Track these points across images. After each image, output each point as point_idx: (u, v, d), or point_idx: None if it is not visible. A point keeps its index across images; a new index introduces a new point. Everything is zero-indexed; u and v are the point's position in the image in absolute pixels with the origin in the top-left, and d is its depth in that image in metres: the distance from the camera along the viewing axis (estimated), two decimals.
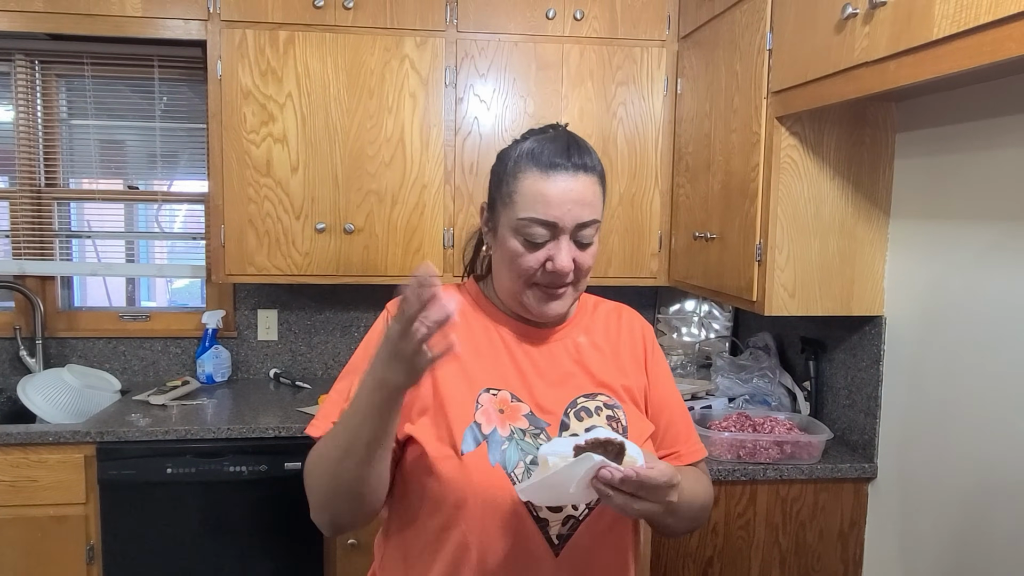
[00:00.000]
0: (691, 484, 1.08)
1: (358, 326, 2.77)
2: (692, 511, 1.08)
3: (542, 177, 1.02)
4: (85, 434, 2.04)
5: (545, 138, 1.07)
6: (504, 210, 1.07)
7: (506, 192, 1.06)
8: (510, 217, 1.05)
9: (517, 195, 1.04)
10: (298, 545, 2.12)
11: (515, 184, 1.05)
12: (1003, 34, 1.05)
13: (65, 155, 2.68)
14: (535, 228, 1.03)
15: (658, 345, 1.24)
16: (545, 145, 1.05)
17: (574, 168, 1.03)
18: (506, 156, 1.10)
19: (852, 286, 1.85)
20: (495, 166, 1.12)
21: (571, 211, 1.02)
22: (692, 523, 1.12)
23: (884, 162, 1.83)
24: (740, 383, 2.29)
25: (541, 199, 1.02)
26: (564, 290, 1.08)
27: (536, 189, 1.02)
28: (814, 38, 1.55)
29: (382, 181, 2.34)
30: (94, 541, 2.07)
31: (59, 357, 2.65)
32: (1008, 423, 1.46)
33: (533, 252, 1.04)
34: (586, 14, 2.35)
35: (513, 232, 1.05)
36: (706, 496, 1.14)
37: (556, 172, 1.02)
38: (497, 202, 1.09)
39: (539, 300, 1.08)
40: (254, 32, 2.26)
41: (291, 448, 2.10)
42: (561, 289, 1.07)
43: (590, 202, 1.04)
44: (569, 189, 1.02)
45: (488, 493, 0.99)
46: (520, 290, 1.08)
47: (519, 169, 1.05)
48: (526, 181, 1.03)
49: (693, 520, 1.11)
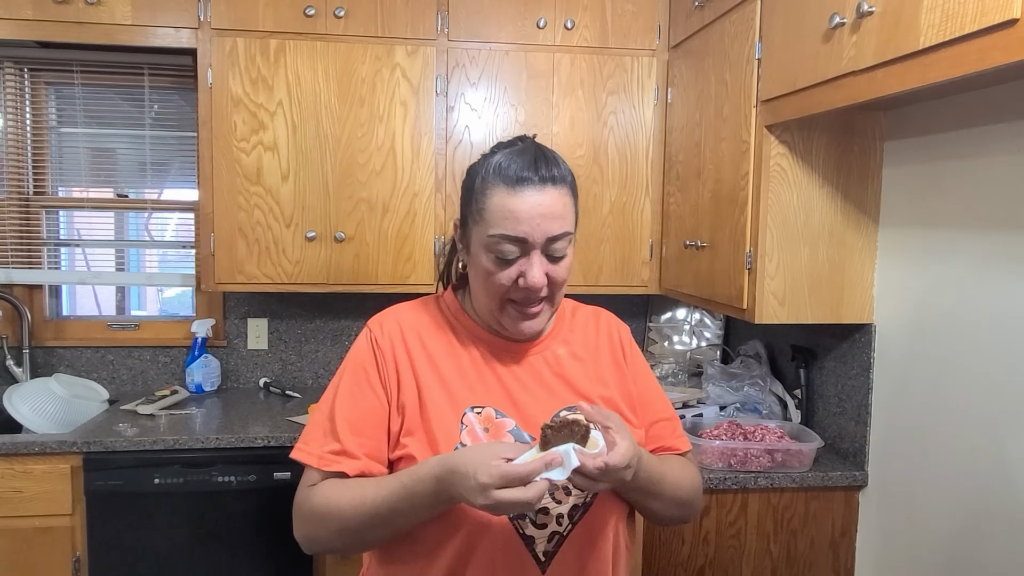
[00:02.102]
0: (674, 470, 1.11)
1: (348, 335, 2.76)
2: (678, 496, 1.11)
3: (509, 193, 1.01)
4: (72, 444, 2.02)
5: (512, 152, 1.05)
6: (475, 227, 1.06)
7: (476, 209, 1.05)
8: (481, 234, 1.04)
9: (486, 212, 1.03)
10: (287, 555, 2.10)
11: (484, 201, 1.03)
12: (988, 43, 1.06)
13: (54, 163, 2.66)
14: (505, 245, 1.02)
15: (635, 343, 1.25)
16: (512, 159, 1.03)
17: (541, 181, 1.01)
18: (474, 172, 1.09)
19: (842, 294, 1.86)
20: (465, 181, 1.11)
21: (540, 225, 1.01)
22: (680, 509, 1.14)
23: (873, 170, 1.84)
24: (731, 391, 2.29)
25: (510, 215, 1.00)
26: (539, 307, 1.07)
27: (504, 205, 1.01)
28: (802, 47, 1.56)
29: (373, 189, 2.34)
30: (80, 553, 2.05)
31: (46, 367, 2.63)
32: (997, 430, 1.46)
33: (505, 269, 1.03)
34: (577, 23, 2.36)
35: (484, 249, 1.04)
36: (692, 483, 1.16)
37: (523, 187, 1.01)
38: (468, 218, 1.08)
39: (515, 320, 1.07)
40: (245, 40, 2.26)
41: (281, 458, 2.09)
42: (536, 307, 1.06)
43: (560, 215, 1.03)
44: (537, 204, 1.01)
45: (475, 513, 0.99)
46: (496, 308, 1.07)
47: (487, 185, 1.04)
48: (494, 198, 1.02)
49: (681, 506, 1.13)
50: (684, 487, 1.12)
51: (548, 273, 1.04)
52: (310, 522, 1.03)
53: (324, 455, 1.04)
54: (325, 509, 1.01)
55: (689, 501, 1.15)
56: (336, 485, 1.02)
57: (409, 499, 0.95)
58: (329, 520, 1.00)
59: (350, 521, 0.99)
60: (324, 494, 1.02)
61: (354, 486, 1.00)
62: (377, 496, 0.97)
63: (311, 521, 1.03)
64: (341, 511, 0.99)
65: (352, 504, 0.99)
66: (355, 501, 0.99)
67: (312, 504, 1.02)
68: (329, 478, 1.04)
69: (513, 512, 0.93)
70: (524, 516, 1.01)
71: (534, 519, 1.01)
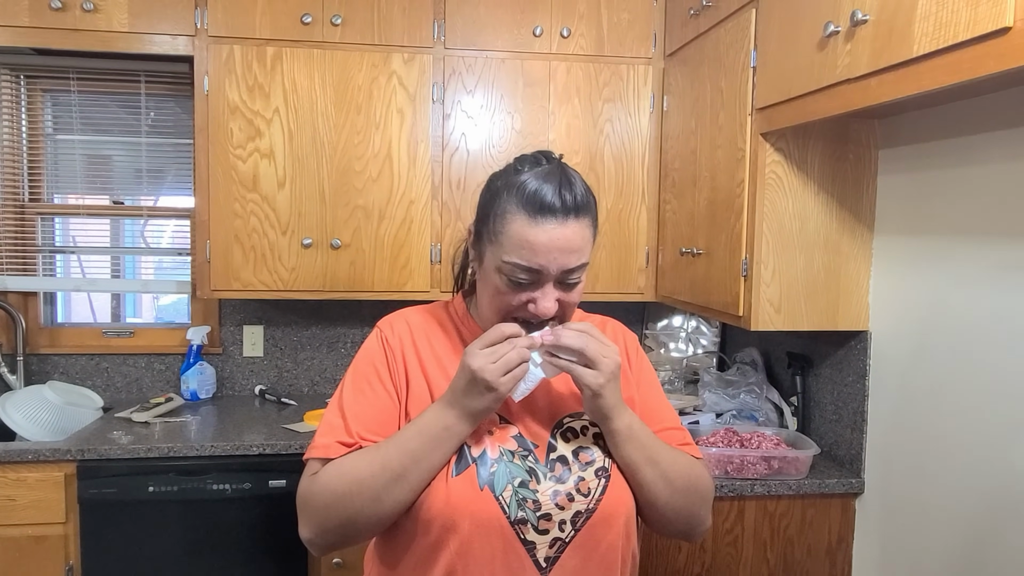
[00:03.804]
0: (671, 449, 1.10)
1: (344, 342, 2.76)
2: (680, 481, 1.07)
3: (530, 223, 0.98)
4: (65, 452, 2.01)
5: (537, 175, 1.01)
6: (490, 246, 1.04)
7: (493, 230, 1.03)
8: (495, 255, 1.02)
9: (504, 236, 1.00)
10: (283, 564, 2.09)
11: (502, 224, 1.01)
12: (982, 51, 1.07)
13: (50, 170, 2.66)
14: (519, 273, 1.00)
15: (643, 352, 1.24)
16: (537, 185, 0.99)
17: (564, 213, 0.99)
18: (496, 189, 1.05)
19: (837, 301, 1.86)
20: (484, 194, 1.08)
21: (557, 259, 0.99)
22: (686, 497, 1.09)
23: (867, 178, 1.85)
24: (727, 398, 2.29)
25: (527, 246, 0.98)
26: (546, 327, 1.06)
27: (523, 235, 0.98)
28: (797, 55, 1.57)
29: (369, 196, 2.34)
30: (73, 561, 2.04)
31: (40, 374, 2.62)
32: (994, 437, 1.46)
33: (516, 293, 1.02)
34: (573, 32, 2.37)
35: (497, 271, 1.03)
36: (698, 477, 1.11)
37: (545, 219, 0.98)
38: (484, 234, 1.06)
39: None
40: (241, 48, 2.26)
41: (276, 465, 2.08)
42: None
43: (578, 248, 1.01)
44: (557, 238, 0.98)
45: (476, 516, 0.99)
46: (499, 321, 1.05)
47: (507, 210, 1.00)
48: (514, 224, 0.99)
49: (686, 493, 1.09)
50: (684, 476, 1.08)
51: (560, 299, 1.03)
52: (321, 508, 1.01)
53: (332, 444, 1.03)
54: (339, 483, 1.00)
55: (693, 498, 1.10)
56: (348, 458, 1.02)
57: (417, 437, 0.99)
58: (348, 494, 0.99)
59: (370, 485, 0.98)
60: (337, 471, 1.01)
61: (366, 452, 1.01)
62: (389, 449, 1.00)
63: (324, 506, 1.01)
64: (359, 478, 0.99)
65: (370, 467, 0.99)
66: (373, 463, 0.99)
67: (323, 483, 1.01)
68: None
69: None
70: (525, 521, 1.00)
71: (536, 525, 1.01)
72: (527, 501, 1.00)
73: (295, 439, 2.13)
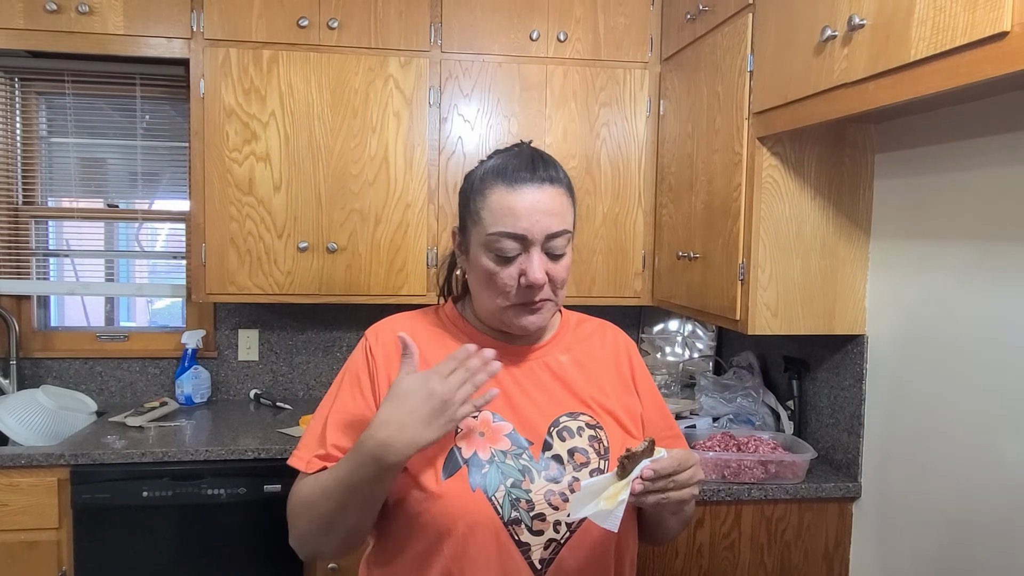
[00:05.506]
0: None
1: (340, 346, 2.75)
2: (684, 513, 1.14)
3: (508, 191, 1.03)
4: (59, 457, 1.99)
5: (510, 154, 1.08)
6: (474, 228, 1.07)
7: (474, 210, 1.07)
8: (480, 234, 1.05)
9: (485, 211, 1.04)
10: (278, 569, 2.07)
11: (482, 201, 1.05)
12: (979, 56, 1.07)
13: (44, 173, 2.64)
14: (505, 242, 1.03)
15: (642, 360, 1.24)
16: (509, 160, 1.06)
17: (539, 180, 1.04)
18: (472, 176, 1.11)
19: (834, 305, 1.86)
20: (462, 187, 1.13)
21: (539, 222, 1.02)
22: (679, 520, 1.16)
23: (864, 182, 1.85)
24: (724, 402, 2.28)
25: (509, 212, 1.02)
26: (541, 304, 1.08)
27: (503, 203, 1.03)
28: (794, 60, 1.57)
29: (365, 200, 2.34)
30: (66, 567, 2.02)
31: (34, 378, 2.60)
32: (990, 441, 1.46)
33: (506, 267, 1.04)
34: (569, 36, 2.37)
35: (484, 249, 1.05)
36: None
37: (522, 185, 1.03)
38: (467, 221, 1.09)
39: (518, 314, 1.08)
40: (238, 51, 2.25)
41: (271, 470, 2.07)
42: (538, 304, 1.07)
43: (558, 212, 1.04)
44: (536, 200, 1.03)
45: (469, 518, 0.99)
46: (499, 309, 1.08)
47: (485, 186, 1.06)
48: (493, 196, 1.04)
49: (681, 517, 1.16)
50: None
51: (548, 272, 1.05)
52: (297, 522, 1.05)
53: (311, 459, 1.06)
54: (302, 505, 1.04)
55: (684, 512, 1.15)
56: (309, 479, 1.04)
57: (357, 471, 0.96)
58: (307, 513, 1.03)
59: (319, 508, 1.00)
60: (302, 491, 1.05)
61: (320, 475, 1.03)
62: (330, 476, 1.00)
63: (297, 521, 1.05)
64: (314, 502, 1.01)
65: (314, 491, 1.01)
66: (318, 488, 1.01)
67: (293, 503, 1.05)
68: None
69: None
70: (519, 521, 1.00)
71: (530, 525, 1.00)
72: (520, 501, 1.00)
73: (290, 444, 2.12)
